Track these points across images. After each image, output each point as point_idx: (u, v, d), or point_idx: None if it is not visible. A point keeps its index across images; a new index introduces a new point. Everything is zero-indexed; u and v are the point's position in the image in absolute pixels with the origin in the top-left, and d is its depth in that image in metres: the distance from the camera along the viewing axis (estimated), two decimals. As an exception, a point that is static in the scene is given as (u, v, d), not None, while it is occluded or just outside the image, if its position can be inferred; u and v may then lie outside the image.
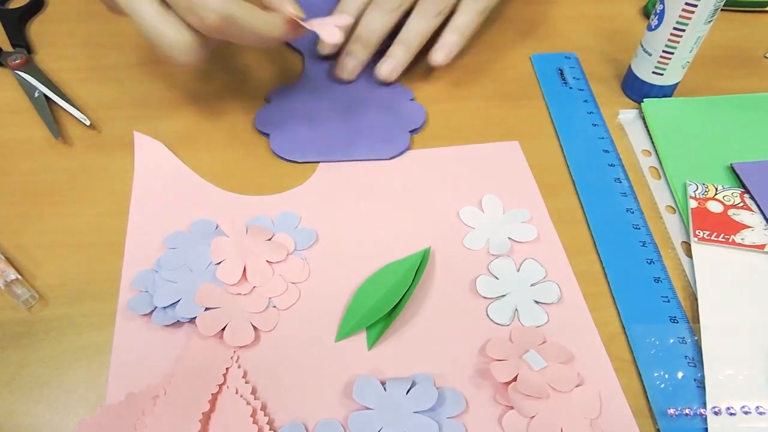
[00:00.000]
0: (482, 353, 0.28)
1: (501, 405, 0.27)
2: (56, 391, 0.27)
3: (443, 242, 0.32)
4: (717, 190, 0.34)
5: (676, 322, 0.29)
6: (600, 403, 0.27)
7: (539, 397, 0.26)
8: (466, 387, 0.27)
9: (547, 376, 0.27)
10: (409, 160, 0.36)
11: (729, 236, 0.32)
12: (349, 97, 0.39)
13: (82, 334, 0.28)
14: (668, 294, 0.30)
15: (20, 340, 0.28)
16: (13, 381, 0.27)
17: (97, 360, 0.28)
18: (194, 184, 0.35)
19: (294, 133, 0.37)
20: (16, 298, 0.29)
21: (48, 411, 0.26)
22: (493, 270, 0.31)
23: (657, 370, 0.28)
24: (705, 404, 0.26)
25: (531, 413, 0.26)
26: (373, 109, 0.39)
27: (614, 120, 0.40)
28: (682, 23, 0.35)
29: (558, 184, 0.36)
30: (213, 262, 0.30)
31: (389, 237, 0.33)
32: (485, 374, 0.27)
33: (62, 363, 0.27)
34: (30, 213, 0.33)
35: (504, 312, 0.30)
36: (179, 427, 0.25)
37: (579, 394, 0.27)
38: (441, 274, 0.31)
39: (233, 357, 0.28)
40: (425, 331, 0.29)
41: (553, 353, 0.28)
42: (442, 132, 0.38)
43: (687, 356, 0.28)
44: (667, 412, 0.26)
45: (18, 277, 0.29)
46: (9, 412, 0.26)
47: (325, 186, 0.35)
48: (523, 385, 0.26)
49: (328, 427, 0.26)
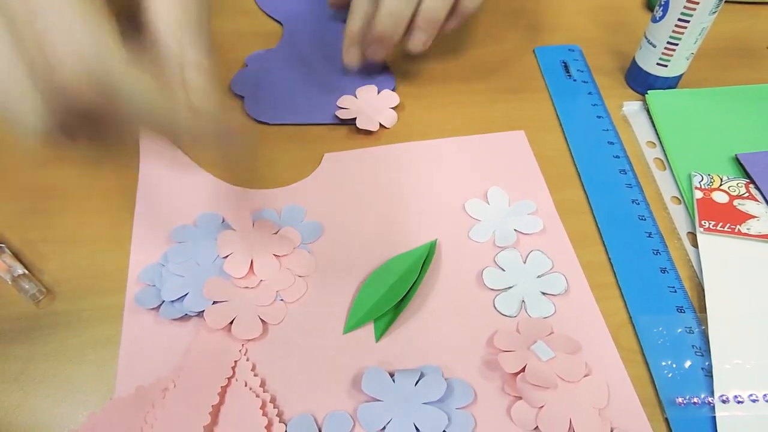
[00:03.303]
0: (490, 344, 0.28)
1: (509, 396, 0.27)
2: (64, 385, 0.27)
3: (449, 235, 0.32)
4: (722, 181, 0.34)
5: (682, 312, 0.29)
6: (608, 393, 0.27)
7: (547, 388, 0.26)
8: (475, 378, 0.27)
9: (555, 367, 0.27)
10: (414, 151, 0.36)
11: (734, 226, 0.32)
12: (328, 67, 0.41)
13: (89, 328, 0.28)
14: (675, 284, 0.30)
15: (28, 334, 0.28)
16: (21, 375, 0.27)
17: (105, 354, 0.28)
18: (200, 177, 0.35)
19: (268, 96, 0.38)
20: (24, 293, 0.29)
21: (56, 405, 0.26)
22: (500, 262, 0.31)
23: (665, 360, 0.28)
24: (713, 393, 0.26)
25: (539, 403, 0.26)
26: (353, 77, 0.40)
27: (618, 112, 0.40)
28: (687, 14, 0.35)
29: (563, 176, 0.36)
30: (220, 256, 0.30)
31: (395, 230, 0.33)
32: (493, 365, 0.28)
33: (70, 357, 0.27)
34: (36, 208, 0.33)
35: (511, 303, 0.30)
36: (189, 420, 0.25)
37: (587, 384, 0.27)
38: (447, 267, 0.31)
39: (241, 350, 0.28)
40: (433, 324, 0.29)
41: (561, 344, 0.28)
42: (446, 125, 0.38)
43: (694, 346, 0.28)
44: (676, 401, 0.26)
45: (25, 272, 0.29)
46: (17, 406, 0.26)
47: (330, 178, 0.35)
48: (532, 375, 0.26)
49: (337, 418, 0.26)
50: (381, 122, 0.37)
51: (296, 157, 0.36)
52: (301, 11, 0.45)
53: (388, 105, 0.38)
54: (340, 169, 0.35)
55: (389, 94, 0.38)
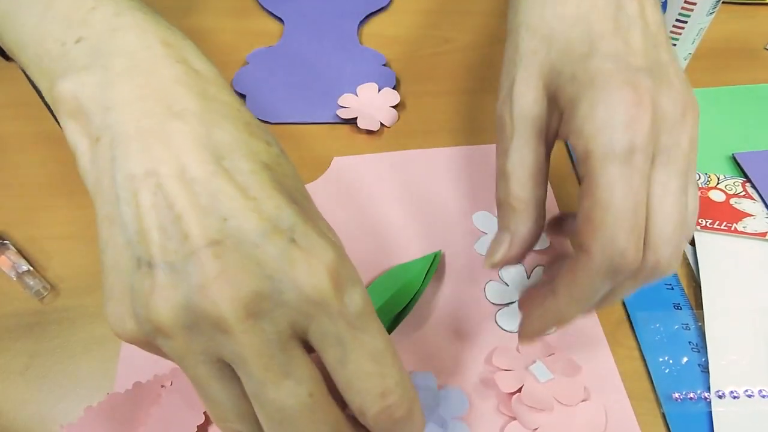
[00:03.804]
0: (488, 362, 0.28)
1: (504, 415, 0.26)
2: (68, 380, 0.27)
3: (454, 246, 0.32)
4: (719, 180, 0.35)
5: (679, 309, 0.30)
6: (606, 419, 0.26)
7: (543, 410, 0.26)
8: (470, 395, 0.27)
9: (553, 389, 0.26)
10: (424, 158, 0.36)
11: (731, 224, 0.32)
12: (329, 64, 0.41)
13: (93, 325, 0.29)
14: (672, 281, 0.31)
15: (32, 330, 0.28)
16: (27, 370, 0.27)
17: (108, 350, 0.28)
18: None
19: (270, 95, 0.39)
20: (29, 289, 0.29)
21: (60, 400, 0.26)
22: (504, 276, 0.31)
23: (661, 356, 0.28)
24: (709, 388, 0.27)
25: (534, 426, 0.25)
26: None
27: (617, 111, 0.40)
28: (685, 15, 0.35)
29: (561, 176, 0.36)
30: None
31: (400, 238, 0.32)
32: (490, 383, 0.27)
33: (74, 353, 0.28)
34: (39, 206, 0.33)
35: (513, 319, 0.29)
36: (184, 418, 0.25)
37: (584, 408, 0.26)
38: (451, 278, 0.31)
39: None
40: (433, 335, 0.29)
41: (560, 366, 0.27)
42: (447, 123, 0.38)
43: (691, 342, 0.28)
44: (672, 396, 0.27)
45: (30, 269, 0.30)
46: (22, 401, 0.26)
47: (336, 185, 0.35)
48: (528, 397, 0.26)
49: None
50: (381, 121, 0.37)
51: (300, 157, 0.36)
52: (302, 9, 0.45)
53: (389, 103, 0.38)
54: (348, 175, 0.35)
55: (390, 93, 0.39)
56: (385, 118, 0.38)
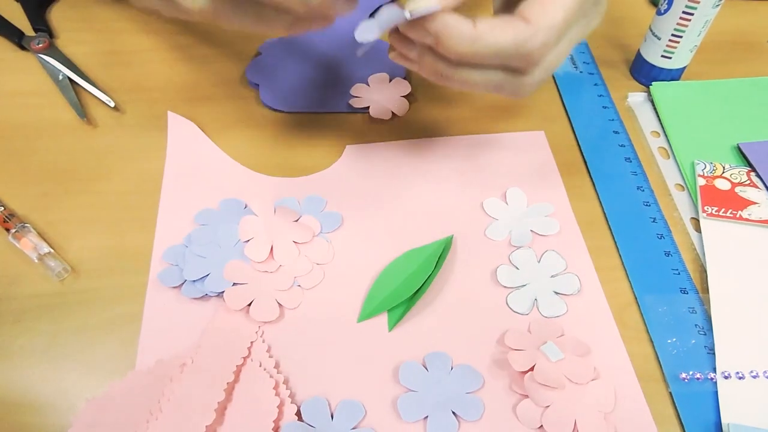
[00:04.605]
0: (500, 343, 0.29)
1: (516, 394, 0.27)
2: (89, 358, 0.28)
3: (466, 231, 0.33)
4: (724, 169, 0.35)
5: (686, 293, 0.30)
6: (615, 398, 0.27)
7: (554, 388, 0.26)
8: (483, 374, 0.28)
9: (564, 368, 0.27)
10: (435, 146, 0.37)
11: (736, 212, 0.33)
12: (340, 54, 0.41)
13: (113, 305, 0.29)
14: (678, 267, 0.31)
15: (53, 310, 0.29)
16: (49, 349, 0.28)
17: (127, 330, 0.28)
18: (224, 163, 0.35)
19: (283, 84, 0.39)
20: (50, 271, 0.30)
21: (82, 377, 0.27)
22: (514, 260, 0.32)
23: (669, 338, 0.29)
24: (715, 369, 0.28)
25: (546, 403, 0.26)
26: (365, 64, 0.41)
27: (624, 103, 0.41)
28: (691, 7, 0.36)
29: (570, 164, 0.37)
30: (241, 240, 0.31)
31: (413, 223, 0.33)
32: (502, 364, 0.28)
33: (95, 332, 0.28)
34: (57, 191, 0.34)
35: (523, 301, 0.30)
36: (205, 395, 0.26)
37: (594, 387, 0.27)
38: (462, 263, 0.32)
39: (258, 332, 0.28)
40: (445, 317, 0.30)
41: (571, 346, 0.28)
42: (455, 113, 0.39)
43: (697, 324, 0.29)
44: (679, 377, 0.27)
45: (51, 251, 0.30)
46: (45, 379, 0.27)
47: (351, 170, 0.35)
48: (540, 375, 0.26)
49: (350, 406, 0.26)
50: (393, 110, 0.38)
51: (314, 145, 0.37)
52: None
53: (400, 93, 0.39)
54: (361, 162, 0.36)
55: (401, 82, 0.39)
56: (397, 107, 0.38)
